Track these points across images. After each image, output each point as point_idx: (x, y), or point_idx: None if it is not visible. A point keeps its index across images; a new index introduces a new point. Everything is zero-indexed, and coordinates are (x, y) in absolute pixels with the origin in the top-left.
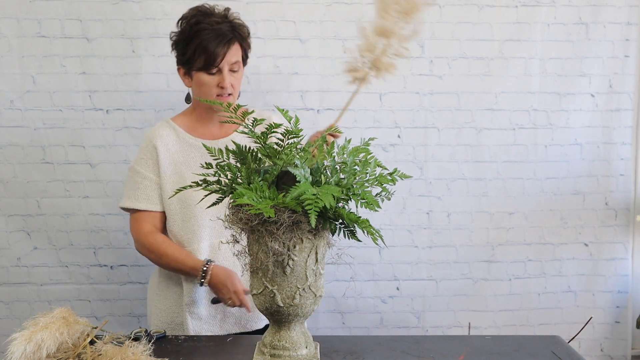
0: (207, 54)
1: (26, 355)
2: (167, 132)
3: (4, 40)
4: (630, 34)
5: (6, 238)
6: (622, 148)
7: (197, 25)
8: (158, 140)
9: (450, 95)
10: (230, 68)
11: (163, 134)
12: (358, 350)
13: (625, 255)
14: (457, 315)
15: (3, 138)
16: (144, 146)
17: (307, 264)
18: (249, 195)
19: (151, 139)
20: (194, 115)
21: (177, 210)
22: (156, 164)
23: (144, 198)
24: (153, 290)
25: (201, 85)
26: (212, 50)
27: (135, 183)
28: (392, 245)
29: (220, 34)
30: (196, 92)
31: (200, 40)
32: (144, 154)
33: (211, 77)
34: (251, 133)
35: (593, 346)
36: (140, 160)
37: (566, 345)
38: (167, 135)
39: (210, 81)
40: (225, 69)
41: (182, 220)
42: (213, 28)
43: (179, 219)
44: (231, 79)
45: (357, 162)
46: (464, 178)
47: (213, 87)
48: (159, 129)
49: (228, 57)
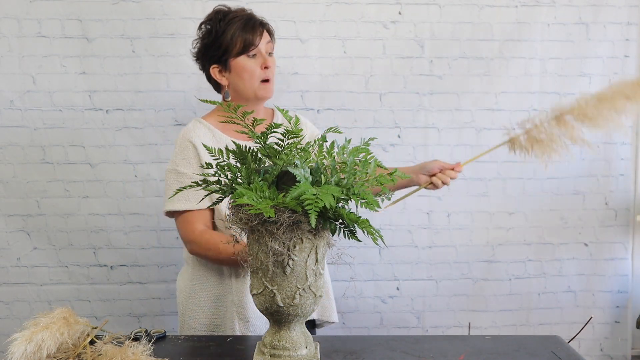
0: (244, 36)
1: (26, 356)
2: (203, 132)
3: (4, 40)
4: (630, 34)
5: (6, 238)
6: (622, 148)
7: (225, 18)
8: (195, 139)
9: (450, 95)
10: (267, 50)
11: (199, 133)
12: (358, 350)
13: (625, 255)
14: (457, 315)
15: (3, 138)
16: (182, 147)
17: (307, 264)
18: (249, 195)
19: (188, 139)
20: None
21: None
22: (198, 162)
23: (195, 198)
24: (186, 290)
25: (243, 71)
26: (250, 31)
27: (181, 184)
28: (392, 245)
29: (251, 19)
30: (239, 84)
31: (234, 27)
32: (183, 154)
33: (252, 60)
34: (251, 133)
35: (593, 346)
36: (182, 160)
37: (566, 345)
38: (203, 134)
39: (252, 64)
40: (263, 49)
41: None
42: (242, 15)
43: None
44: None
45: (357, 162)
46: (464, 178)
47: (257, 69)
48: (194, 128)
49: (265, 37)
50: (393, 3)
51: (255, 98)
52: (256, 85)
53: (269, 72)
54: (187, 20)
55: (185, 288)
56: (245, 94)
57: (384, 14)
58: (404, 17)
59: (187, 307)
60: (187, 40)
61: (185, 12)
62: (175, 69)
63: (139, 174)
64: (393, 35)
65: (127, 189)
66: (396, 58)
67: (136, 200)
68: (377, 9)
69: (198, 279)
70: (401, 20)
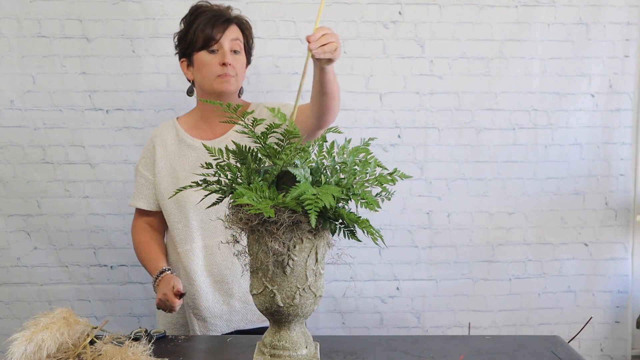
0: (205, 31)
1: (26, 356)
2: (168, 132)
3: (4, 40)
4: (630, 34)
5: (6, 238)
6: (622, 148)
7: (196, 11)
8: (157, 140)
9: (450, 95)
10: (231, 47)
11: (164, 133)
12: (358, 350)
13: (625, 255)
14: (457, 315)
15: (3, 138)
16: (146, 145)
17: (307, 264)
18: (249, 195)
19: (152, 139)
20: (198, 113)
21: (172, 211)
22: (153, 163)
23: (140, 197)
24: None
25: (202, 66)
26: (212, 27)
27: (136, 181)
28: (392, 245)
29: (218, 14)
30: (199, 78)
31: (199, 22)
32: (145, 153)
33: (212, 56)
34: (251, 133)
35: (593, 346)
36: (142, 159)
37: (566, 345)
38: (167, 134)
39: (211, 60)
40: (225, 45)
41: (176, 221)
42: (211, 11)
43: (173, 219)
44: (233, 60)
45: (357, 162)
46: (464, 178)
47: (215, 66)
48: (162, 128)
49: (227, 34)
50: (393, 3)
51: (214, 92)
52: (212, 79)
53: (227, 68)
54: None
55: None
56: (205, 88)
57: (384, 14)
58: (404, 17)
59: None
60: None
61: (185, 12)
62: (175, 69)
63: None
64: (393, 35)
65: (127, 189)
66: (396, 58)
67: None
68: (377, 9)
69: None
70: (401, 20)
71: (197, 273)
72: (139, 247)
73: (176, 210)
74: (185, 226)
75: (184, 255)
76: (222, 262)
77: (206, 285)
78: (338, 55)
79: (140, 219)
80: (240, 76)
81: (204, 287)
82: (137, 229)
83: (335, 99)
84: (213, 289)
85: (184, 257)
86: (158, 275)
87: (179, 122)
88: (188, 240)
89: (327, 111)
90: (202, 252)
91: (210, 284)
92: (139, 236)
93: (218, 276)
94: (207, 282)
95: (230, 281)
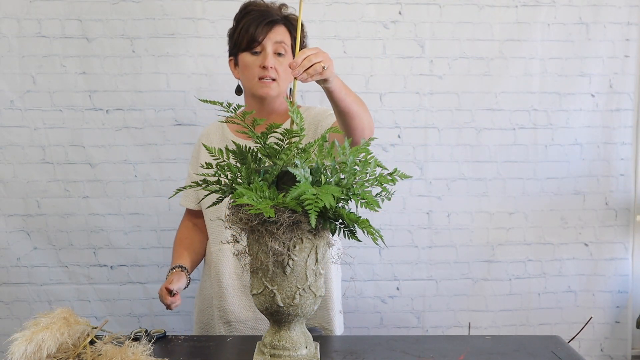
0: (250, 32)
1: (27, 356)
2: (215, 131)
3: (4, 40)
4: (630, 34)
5: (6, 238)
6: (622, 148)
7: (245, 9)
8: (203, 139)
9: (450, 95)
10: (275, 49)
11: (210, 133)
12: (358, 350)
13: (625, 255)
14: (457, 315)
15: (3, 138)
16: (195, 146)
17: (307, 264)
18: (249, 195)
19: (199, 138)
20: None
21: (207, 211)
22: (197, 163)
23: (186, 196)
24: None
25: (245, 67)
26: (255, 27)
27: (186, 180)
28: (392, 245)
29: (264, 14)
30: (243, 79)
31: (244, 22)
32: (193, 153)
33: (254, 58)
34: (251, 133)
35: (593, 346)
36: (191, 158)
37: (566, 345)
38: (213, 134)
39: (253, 61)
40: (268, 47)
41: (210, 221)
42: (259, 10)
43: (208, 218)
44: (275, 62)
45: (357, 162)
46: (464, 178)
47: (255, 68)
48: (210, 127)
49: (271, 36)
50: (393, 3)
51: (254, 96)
52: (253, 82)
53: (268, 71)
54: (187, 20)
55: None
56: (248, 90)
57: (384, 14)
58: (404, 17)
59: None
60: (187, 40)
61: (185, 12)
62: (175, 69)
63: (139, 174)
64: (393, 35)
65: (127, 189)
66: (396, 58)
67: (136, 200)
68: (377, 9)
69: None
70: (401, 20)
71: (225, 275)
72: (174, 242)
73: (211, 211)
74: (218, 226)
75: (215, 255)
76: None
77: (233, 288)
78: (329, 74)
79: (187, 217)
80: (283, 79)
81: (231, 290)
82: (180, 226)
83: (355, 117)
84: (240, 292)
85: (214, 257)
86: (169, 271)
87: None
88: (214, 242)
89: (351, 130)
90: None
91: (237, 286)
92: (178, 232)
93: (246, 280)
94: (235, 285)
95: None
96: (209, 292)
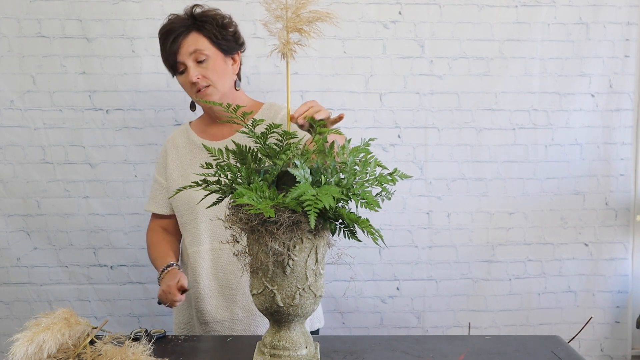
0: (167, 58)
1: (28, 356)
2: (180, 136)
3: (4, 40)
4: (630, 34)
5: (6, 238)
6: (622, 148)
7: (160, 33)
8: (169, 144)
9: (450, 95)
10: (195, 59)
11: (176, 138)
12: (358, 350)
13: (625, 255)
14: (457, 315)
15: (3, 138)
16: (160, 152)
17: (307, 264)
18: (249, 195)
19: (165, 144)
20: (205, 116)
21: (183, 212)
22: (165, 168)
23: (154, 201)
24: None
25: (183, 87)
26: (168, 50)
27: (151, 187)
28: (392, 245)
29: (170, 32)
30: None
31: (162, 47)
32: (159, 157)
33: (184, 76)
34: (251, 133)
35: (593, 346)
36: (156, 165)
37: (566, 345)
38: (179, 138)
39: (184, 81)
40: (188, 62)
41: (186, 222)
42: (167, 29)
43: (184, 221)
44: (199, 71)
45: (357, 162)
46: (464, 178)
47: (188, 86)
48: (175, 133)
49: (184, 50)
50: (393, 3)
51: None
52: (194, 97)
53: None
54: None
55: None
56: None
57: (384, 14)
58: (404, 17)
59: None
60: None
61: None
62: None
63: (139, 174)
64: (393, 35)
65: (127, 189)
66: (396, 58)
67: (136, 200)
68: (377, 9)
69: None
70: (401, 20)
71: (203, 276)
72: (150, 247)
73: (187, 212)
74: (194, 228)
75: (192, 256)
76: (228, 266)
77: (210, 289)
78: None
79: (155, 222)
80: (217, 82)
81: (208, 291)
82: (150, 231)
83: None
84: (217, 293)
85: (191, 258)
86: (164, 269)
87: (190, 126)
88: (196, 242)
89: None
90: (209, 254)
91: (214, 287)
92: (151, 237)
93: (223, 280)
94: (212, 285)
95: (235, 287)
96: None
